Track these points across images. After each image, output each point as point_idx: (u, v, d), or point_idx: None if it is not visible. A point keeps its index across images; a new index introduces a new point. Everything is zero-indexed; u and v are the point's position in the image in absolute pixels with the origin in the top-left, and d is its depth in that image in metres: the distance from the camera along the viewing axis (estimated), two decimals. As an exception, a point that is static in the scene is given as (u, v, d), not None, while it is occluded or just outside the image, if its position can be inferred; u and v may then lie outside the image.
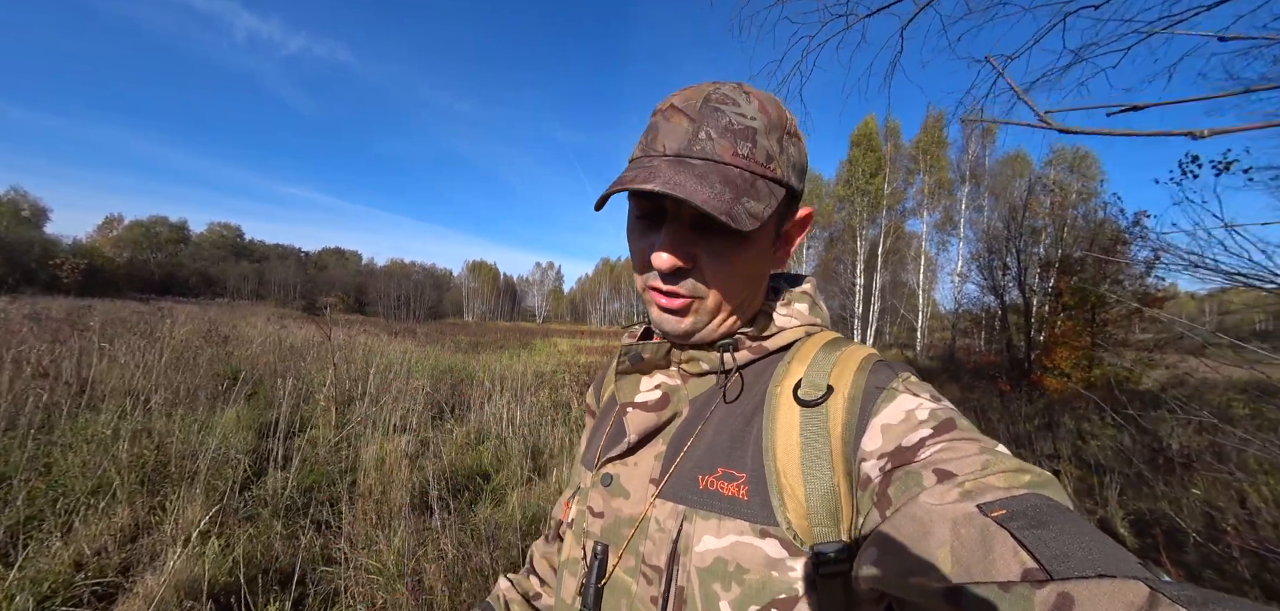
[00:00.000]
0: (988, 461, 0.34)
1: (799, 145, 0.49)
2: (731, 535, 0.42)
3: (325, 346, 8.21)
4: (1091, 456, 4.72)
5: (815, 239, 27.59)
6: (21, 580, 1.60)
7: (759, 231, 0.47)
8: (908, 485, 0.35)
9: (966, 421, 0.39)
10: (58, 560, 1.68)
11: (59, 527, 1.91)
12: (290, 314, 24.42)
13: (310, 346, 8.62)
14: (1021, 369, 11.31)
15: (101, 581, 1.71)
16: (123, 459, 2.31)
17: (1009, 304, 13.20)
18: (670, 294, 0.48)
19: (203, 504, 2.11)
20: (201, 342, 8.07)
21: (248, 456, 2.79)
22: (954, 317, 17.57)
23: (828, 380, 0.45)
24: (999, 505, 0.30)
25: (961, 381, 12.19)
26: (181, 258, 76.29)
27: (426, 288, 73.20)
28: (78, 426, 2.98)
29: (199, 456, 2.40)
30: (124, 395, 3.67)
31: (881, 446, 0.39)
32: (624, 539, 0.48)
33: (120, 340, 6.39)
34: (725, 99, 0.45)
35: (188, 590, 1.63)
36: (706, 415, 0.50)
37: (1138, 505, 3.55)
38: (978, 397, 9.02)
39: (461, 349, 13.17)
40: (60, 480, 2.29)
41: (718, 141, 0.44)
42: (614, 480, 0.51)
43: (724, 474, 0.45)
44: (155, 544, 1.91)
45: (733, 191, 0.42)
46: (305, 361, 7.14)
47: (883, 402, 0.42)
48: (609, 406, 0.61)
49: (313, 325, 13.37)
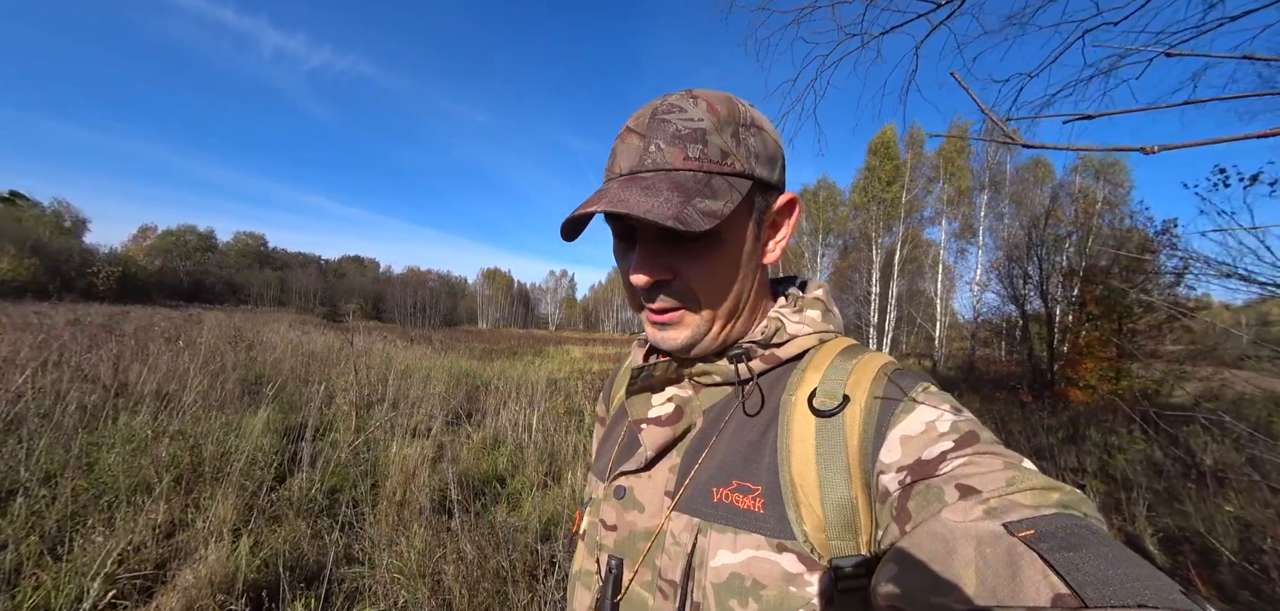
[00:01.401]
0: (1013, 477, 0.32)
1: (761, 135, 0.47)
2: (748, 549, 0.42)
3: (345, 353, 8.41)
4: (1119, 470, 4.57)
5: (830, 247, 27.31)
6: (70, 571, 1.70)
7: (733, 228, 0.46)
8: (929, 500, 0.34)
9: (989, 434, 0.38)
10: (102, 553, 1.78)
11: (101, 523, 2.02)
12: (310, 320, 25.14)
13: (331, 353, 8.85)
14: (1044, 380, 11.00)
15: (141, 574, 1.80)
16: (162, 458, 2.42)
17: (1030, 313, 12.88)
18: (660, 310, 0.48)
19: (234, 503, 2.21)
20: (227, 348, 8.36)
21: (274, 458, 2.90)
22: (973, 327, 17.18)
23: (844, 389, 0.44)
24: (1027, 524, 0.29)
25: (981, 392, 11.89)
26: (208, 265, 79.01)
27: (442, 295, 74.39)
28: (117, 427, 3.12)
29: (230, 457, 2.51)
30: (159, 398, 3.84)
31: (901, 458, 0.38)
32: (640, 552, 0.47)
33: (153, 345, 6.66)
34: (671, 108, 0.45)
35: (222, 585, 1.70)
36: (721, 426, 0.49)
37: (1168, 522, 3.42)
38: (998, 408, 8.79)
39: (476, 356, 13.36)
40: (102, 477, 2.42)
41: (667, 151, 0.43)
42: (628, 493, 0.50)
43: (739, 486, 0.44)
44: (190, 540, 2.01)
45: (682, 195, 0.41)
46: (326, 367, 7.34)
47: (902, 413, 0.41)
48: (620, 415, 0.59)
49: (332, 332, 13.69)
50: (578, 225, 0.46)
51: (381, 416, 4.11)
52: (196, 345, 7.35)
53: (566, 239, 0.47)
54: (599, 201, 0.42)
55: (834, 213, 26.25)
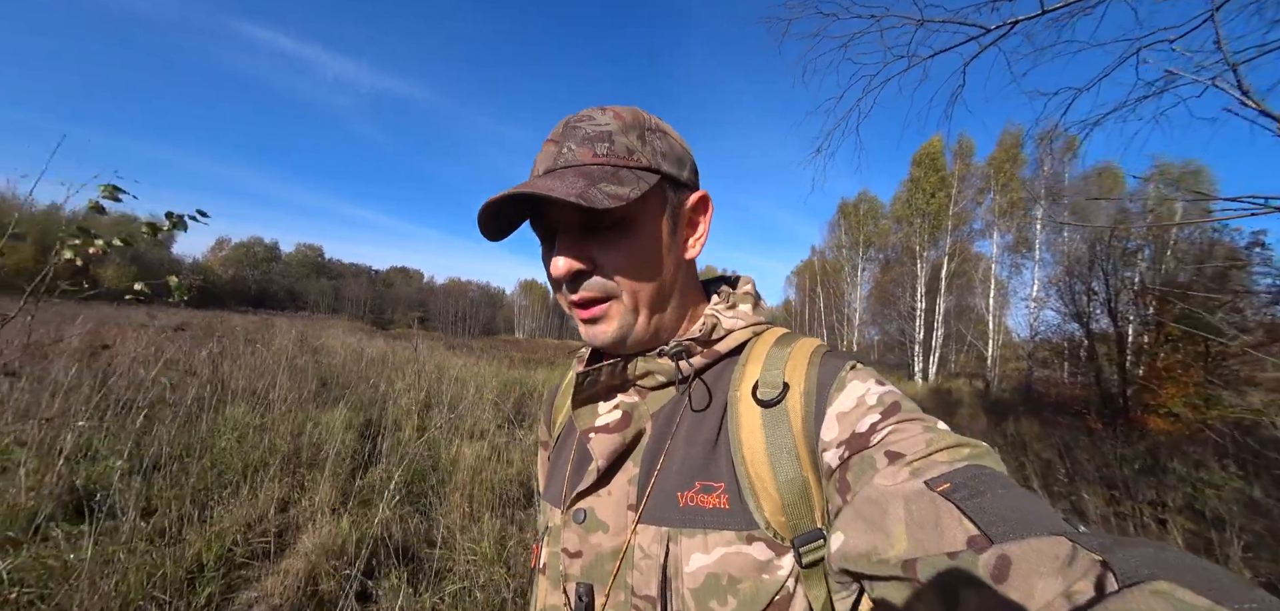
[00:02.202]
0: (932, 439, 0.36)
1: (666, 138, 0.51)
2: (719, 547, 0.42)
3: (400, 357, 9.00)
4: (1209, 508, 4.18)
5: (871, 260, 26.43)
6: (209, 536, 2.01)
7: (646, 218, 0.48)
8: (863, 469, 0.37)
9: (910, 403, 0.41)
10: (233, 521, 2.09)
11: (227, 496, 2.35)
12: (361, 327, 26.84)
13: (386, 358, 9.48)
14: (1115, 405, 10.17)
15: (265, 541, 2.10)
16: (267, 446, 2.78)
17: (1097, 332, 11.98)
18: (584, 303, 0.49)
19: (331, 485, 2.51)
20: (296, 351, 9.13)
21: (353, 451, 3.22)
22: (1031, 346, 16.12)
23: (783, 377, 0.46)
24: (944, 479, 0.32)
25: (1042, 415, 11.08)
26: (273, 274, 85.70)
27: (482, 305, 77.19)
28: (223, 417, 3.56)
29: (322, 447, 2.84)
30: (250, 394, 4.32)
31: (838, 434, 0.41)
32: (609, 574, 0.46)
33: (238, 346, 7.42)
34: (583, 118, 0.49)
35: (334, 553, 1.97)
36: (673, 429, 0.49)
37: (1270, 566, 3.13)
38: (1062, 434, 8.21)
39: (516, 364, 13.85)
40: (220, 458, 2.79)
41: (577, 151, 0.47)
42: (588, 515, 0.49)
43: (702, 486, 0.45)
44: (299, 516, 2.31)
45: (588, 180, 0.44)
46: (381, 370, 7.89)
47: (835, 391, 0.44)
48: (566, 435, 0.59)
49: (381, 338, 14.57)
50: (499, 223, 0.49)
51: (440, 419, 4.43)
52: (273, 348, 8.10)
53: (489, 238, 0.50)
54: (510, 188, 0.44)
55: (875, 226, 25.47)
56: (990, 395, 15.20)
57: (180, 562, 1.84)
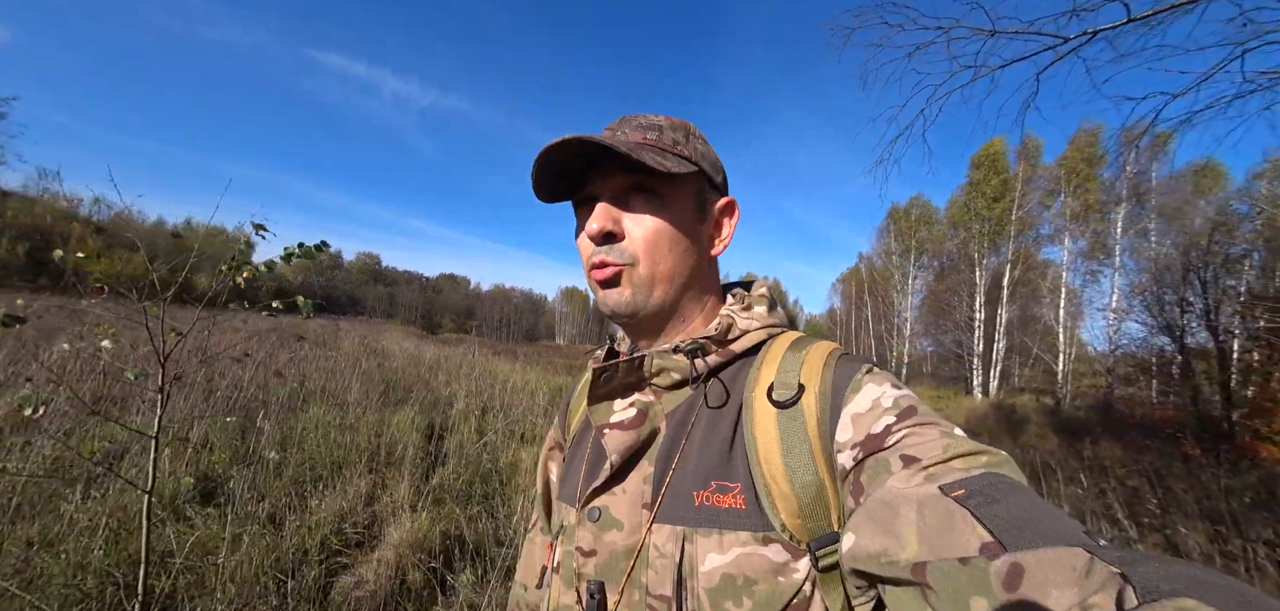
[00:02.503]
0: (948, 445, 0.36)
1: (707, 145, 0.56)
2: (735, 548, 0.42)
3: (455, 362, 9.50)
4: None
5: (924, 268, 25.06)
6: (310, 524, 2.26)
7: (677, 199, 0.52)
8: (877, 471, 0.37)
9: (927, 406, 0.42)
10: (328, 512, 2.34)
11: (319, 490, 2.63)
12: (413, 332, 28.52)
13: (441, 362, 10.03)
14: (1218, 429, 9.06)
15: (356, 532, 2.34)
16: (357, 444, 3.07)
17: (1192, 348, 10.75)
18: (603, 265, 0.51)
19: (409, 483, 2.73)
20: (361, 354, 9.84)
21: (423, 452, 3.47)
22: (1110, 361, 14.67)
23: (799, 378, 0.47)
24: (958, 485, 0.32)
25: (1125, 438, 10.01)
26: (336, 281, 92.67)
27: (525, 311, 79.71)
28: (308, 415, 3.94)
29: (396, 447, 3.10)
30: (327, 394, 4.74)
31: (853, 436, 0.41)
32: (623, 573, 0.46)
33: (312, 350, 8.12)
34: (636, 114, 0.54)
35: (418, 546, 2.16)
36: (688, 428, 0.49)
37: None
38: (1152, 459, 7.39)
39: (559, 370, 14.21)
40: (310, 455, 3.10)
41: (630, 134, 0.52)
42: (603, 513, 0.49)
43: (718, 486, 0.45)
44: (381, 510, 2.54)
45: (636, 147, 0.48)
46: (435, 374, 8.35)
47: (851, 393, 0.44)
48: (581, 434, 0.59)
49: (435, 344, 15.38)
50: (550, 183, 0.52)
51: (497, 423, 4.66)
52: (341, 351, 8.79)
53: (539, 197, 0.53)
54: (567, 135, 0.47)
55: (928, 231, 24.13)
56: (1061, 413, 13.95)
57: (288, 547, 2.08)
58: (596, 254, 0.51)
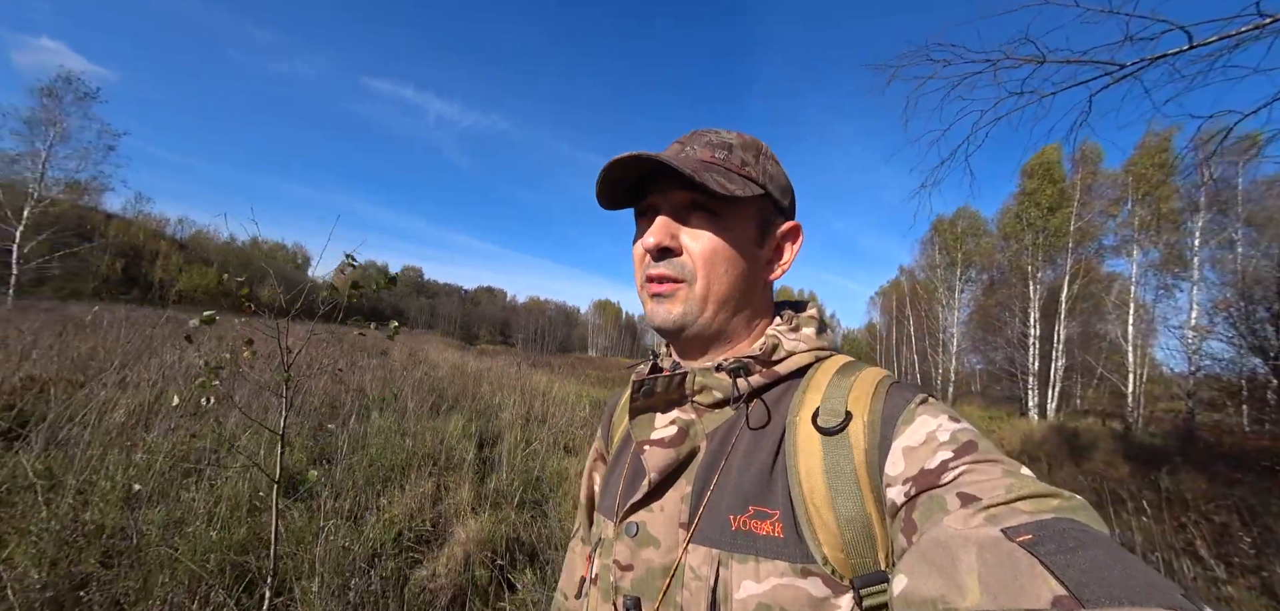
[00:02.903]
0: (1012, 484, 0.34)
1: (778, 167, 0.55)
2: (772, 578, 0.41)
3: (494, 374, 9.88)
4: None
5: (971, 281, 23.82)
6: (384, 521, 2.49)
7: (739, 221, 0.52)
8: (932, 509, 0.35)
9: (988, 442, 0.39)
10: (398, 511, 2.57)
11: (389, 491, 2.87)
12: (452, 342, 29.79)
13: (481, 375, 10.46)
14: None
15: (425, 530, 2.55)
16: (418, 450, 3.33)
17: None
18: (658, 279, 0.51)
19: (470, 487, 2.94)
20: (409, 364, 10.42)
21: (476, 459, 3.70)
22: (1191, 384, 13.42)
23: (846, 405, 0.45)
24: (1026, 529, 0.29)
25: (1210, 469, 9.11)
26: (383, 295, 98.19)
27: (559, 323, 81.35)
28: (371, 423, 4.27)
29: (454, 452, 3.33)
30: (383, 402, 5.09)
31: (904, 470, 0.39)
32: (658, 591, 0.45)
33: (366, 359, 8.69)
34: (708, 130, 0.54)
35: (484, 544, 2.34)
36: (728, 449, 0.49)
37: None
38: (1245, 494, 6.68)
39: (593, 382, 14.45)
40: (377, 458, 3.38)
41: (699, 150, 0.52)
42: (640, 528, 0.49)
43: (756, 512, 0.44)
44: (445, 511, 2.75)
45: (702, 167, 0.49)
46: (478, 383, 8.73)
47: (903, 425, 0.42)
48: (623, 447, 0.59)
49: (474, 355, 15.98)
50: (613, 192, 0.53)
51: (542, 432, 4.86)
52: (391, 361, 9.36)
53: (603, 205, 0.54)
54: (634, 152, 0.48)
55: (975, 243, 22.96)
56: (1132, 438, 12.82)
57: (366, 540, 2.30)
58: (652, 266, 0.51)
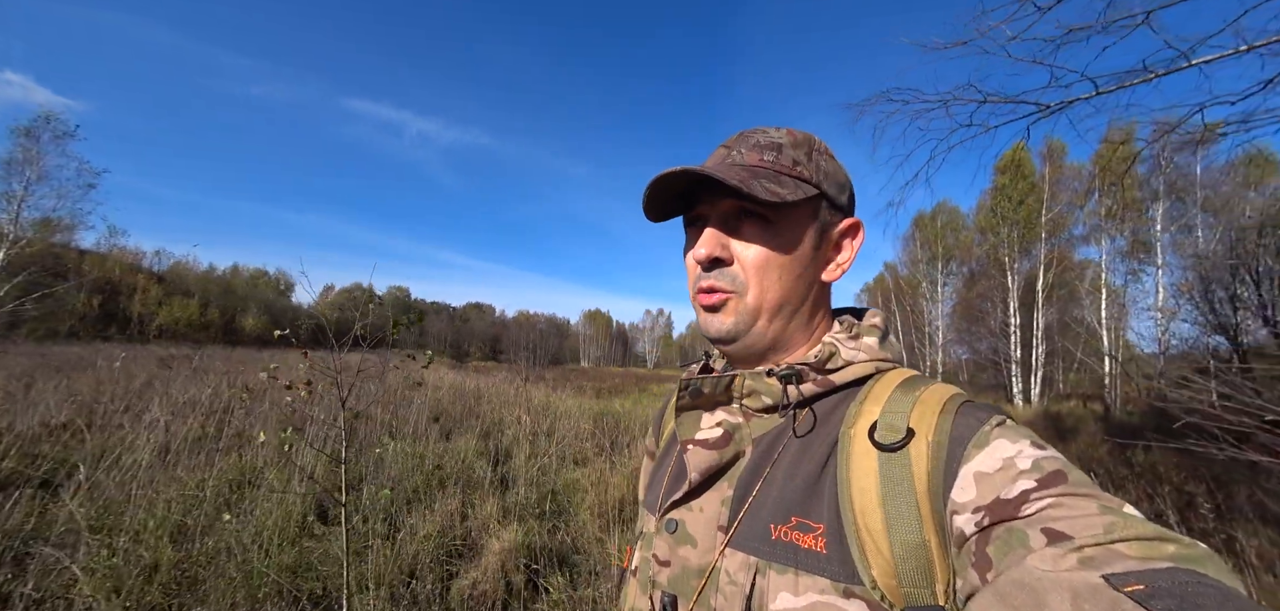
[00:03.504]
0: (1113, 523, 0.30)
1: (833, 162, 0.52)
2: (811, 593, 0.39)
3: (494, 392, 10.02)
4: None
5: (953, 275, 24.57)
6: (415, 538, 2.68)
7: (792, 226, 0.49)
8: (1011, 545, 0.32)
9: (1080, 474, 0.34)
10: (431, 528, 2.76)
11: (418, 511, 3.05)
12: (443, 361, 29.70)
13: (479, 393, 10.57)
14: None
15: (454, 546, 2.74)
16: (445, 470, 3.52)
17: (1250, 347, 10.27)
18: (710, 289, 0.50)
19: (494, 504, 3.14)
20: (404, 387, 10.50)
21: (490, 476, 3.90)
22: (1161, 364, 14.05)
23: (908, 422, 0.42)
24: (1135, 578, 0.25)
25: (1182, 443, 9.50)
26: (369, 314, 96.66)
27: (550, 336, 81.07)
28: (386, 446, 4.43)
29: (474, 471, 3.51)
30: (390, 424, 5.24)
31: (976, 498, 0.36)
32: (693, 590, 0.45)
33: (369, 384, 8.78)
34: (756, 130, 0.52)
35: (517, 553, 2.54)
36: (774, 457, 0.47)
37: None
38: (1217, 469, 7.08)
39: (589, 393, 14.60)
40: (400, 480, 3.56)
41: (746, 154, 0.50)
42: (680, 526, 0.49)
43: (799, 523, 0.42)
44: (473, 526, 2.94)
45: (749, 173, 0.47)
46: (478, 403, 8.86)
47: (975, 448, 0.38)
48: (670, 445, 0.59)
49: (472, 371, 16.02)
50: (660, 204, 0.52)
51: (551, 447, 5.06)
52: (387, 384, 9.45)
53: (649, 217, 0.53)
54: (680, 167, 0.47)
55: (955, 238, 23.77)
56: (1110, 419, 13.37)
57: (403, 557, 2.50)
58: (703, 278, 0.51)
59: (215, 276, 51.90)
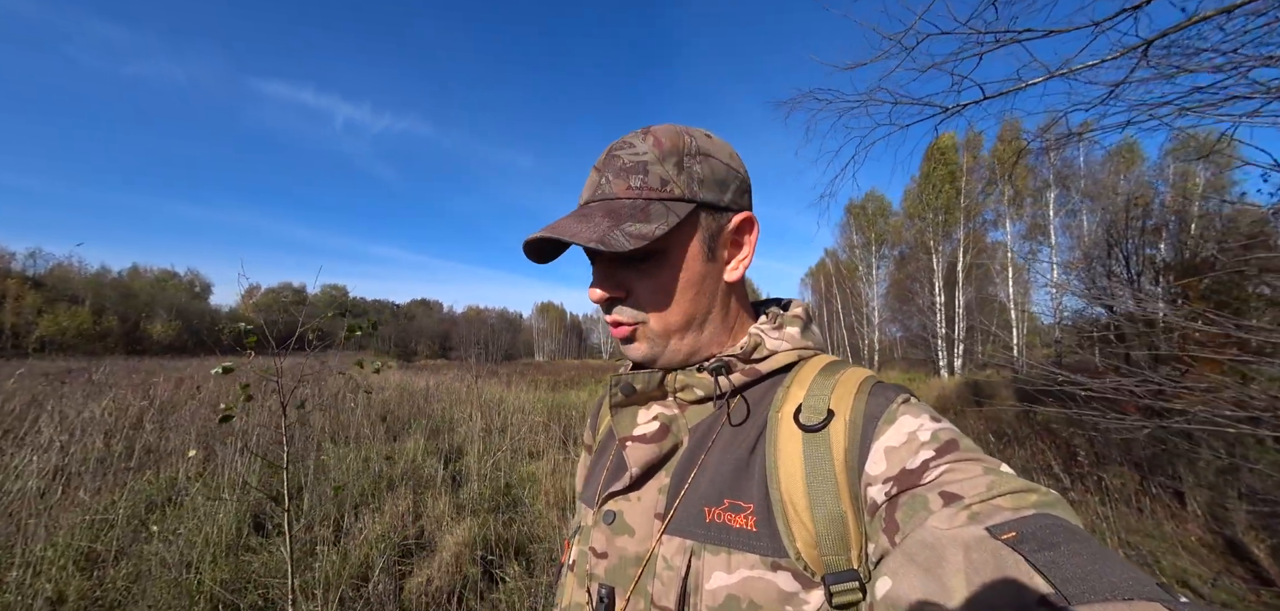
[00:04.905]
0: (994, 482, 0.34)
1: (708, 162, 0.50)
2: (743, 570, 0.42)
3: (446, 390, 9.69)
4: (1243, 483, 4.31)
5: (885, 258, 26.53)
6: (361, 541, 2.61)
7: (677, 249, 0.49)
8: (915, 509, 0.35)
9: (969, 441, 0.39)
10: (377, 529, 2.69)
11: (366, 514, 2.95)
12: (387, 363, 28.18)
13: (428, 392, 10.18)
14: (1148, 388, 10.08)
15: (405, 544, 2.69)
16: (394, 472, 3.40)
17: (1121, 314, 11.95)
18: (617, 323, 0.51)
19: (447, 501, 3.09)
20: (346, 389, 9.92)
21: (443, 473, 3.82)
22: (1056, 333, 16.06)
23: (828, 404, 0.45)
24: (1009, 527, 0.30)
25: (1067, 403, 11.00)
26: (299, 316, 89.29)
27: (501, 331, 78.73)
28: (327, 452, 4.22)
29: (425, 470, 3.43)
30: (332, 432, 4.98)
31: (886, 470, 0.39)
32: (630, 579, 0.47)
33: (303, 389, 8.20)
34: (623, 145, 0.50)
35: (471, 545, 2.53)
36: (708, 444, 0.49)
37: None
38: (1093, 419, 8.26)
39: (544, 387, 14.45)
40: (344, 485, 3.42)
41: (613, 183, 0.49)
42: (617, 517, 0.50)
43: (731, 505, 0.44)
44: (426, 523, 2.89)
45: (612, 220, 0.46)
46: (429, 403, 8.56)
47: (884, 424, 0.42)
48: (607, 439, 0.60)
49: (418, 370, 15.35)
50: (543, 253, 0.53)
51: (504, 442, 5.02)
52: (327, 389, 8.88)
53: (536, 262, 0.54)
54: (542, 231, 0.48)
55: (886, 223, 25.68)
56: (1017, 384, 15.15)
57: (352, 561, 2.43)
58: (607, 311, 0.52)
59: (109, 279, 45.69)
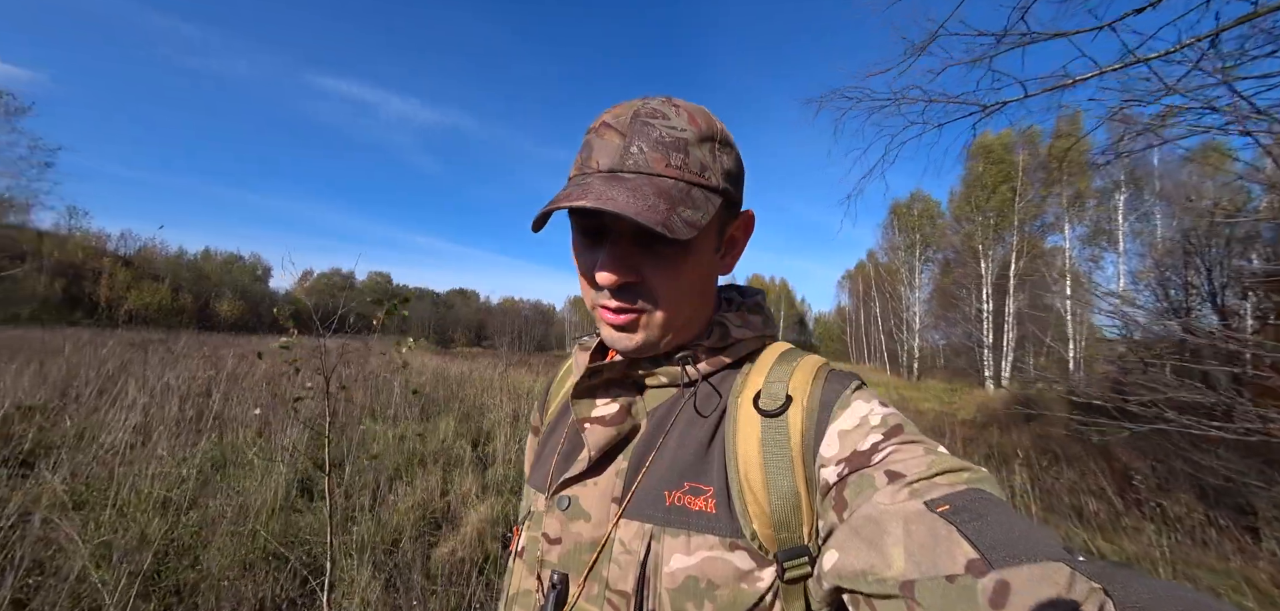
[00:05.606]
0: (933, 461, 0.37)
1: (732, 153, 0.50)
2: (702, 551, 0.42)
3: (477, 376, 10.10)
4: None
5: (930, 261, 25.27)
6: (397, 511, 2.81)
7: (701, 240, 0.47)
8: (862, 487, 0.38)
9: (913, 426, 0.42)
10: (409, 501, 2.89)
11: (400, 488, 3.18)
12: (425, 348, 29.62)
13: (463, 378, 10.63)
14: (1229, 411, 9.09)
15: (434, 517, 2.88)
16: (419, 450, 3.64)
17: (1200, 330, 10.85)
18: (619, 310, 0.48)
19: (474, 480, 3.27)
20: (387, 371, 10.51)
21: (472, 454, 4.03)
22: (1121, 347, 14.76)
23: (787, 389, 0.46)
24: (943, 501, 0.33)
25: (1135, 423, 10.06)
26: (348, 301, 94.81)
27: (535, 323, 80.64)
28: (366, 428, 4.52)
29: (455, 450, 3.64)
30: (372, 410, 5.32)
31: (839, 452, 0.41)
32: (585, 564, 0.46)
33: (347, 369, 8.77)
34: (655, 112, 0.46)
35: (495, 522, 2.69)
36: (667, 427, 0.49)
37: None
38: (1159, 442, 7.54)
39: (574, 378, 14.64)
40: (381, 458, 3.67)
41: (650, 154, 0.44)
42: (572, 502, 0.49)
43: (691, 488, 0.45)
44: (454, 500, 3.08)
45: (667, 202, 0.42)
46: (462, 387, 8.95)
47: (839, 410, 0.44)
48: (557, 421, 0.59)
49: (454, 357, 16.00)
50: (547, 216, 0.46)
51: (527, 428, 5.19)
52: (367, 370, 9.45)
53: (535, 230, 0.47)
54: (586, 197, 0.42)
55: (932, 226, 24.40)
56: (1073, 401, 14.08)
57: (386, 527, 2.63)
58: (609, 298, 0.48)
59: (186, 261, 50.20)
